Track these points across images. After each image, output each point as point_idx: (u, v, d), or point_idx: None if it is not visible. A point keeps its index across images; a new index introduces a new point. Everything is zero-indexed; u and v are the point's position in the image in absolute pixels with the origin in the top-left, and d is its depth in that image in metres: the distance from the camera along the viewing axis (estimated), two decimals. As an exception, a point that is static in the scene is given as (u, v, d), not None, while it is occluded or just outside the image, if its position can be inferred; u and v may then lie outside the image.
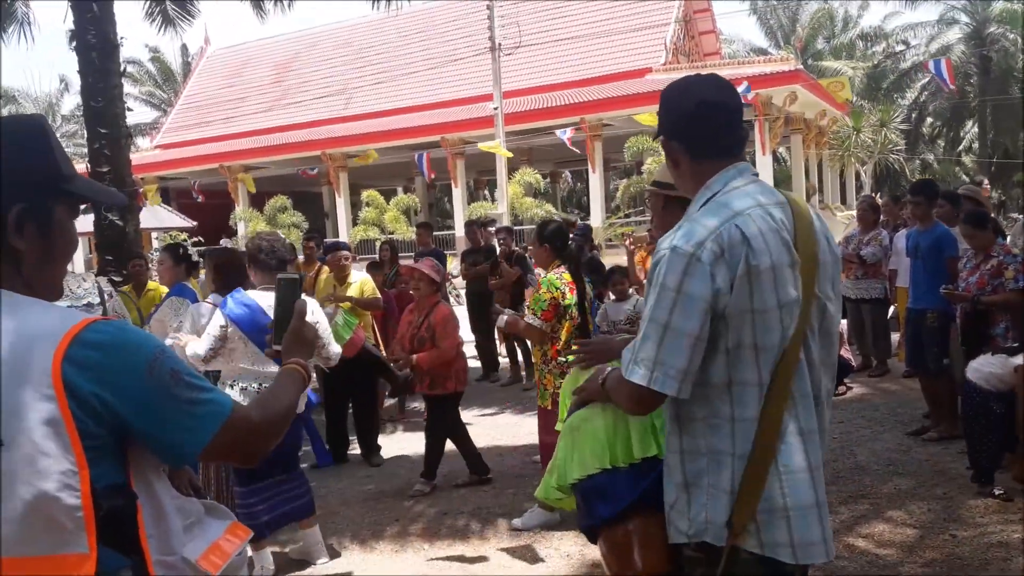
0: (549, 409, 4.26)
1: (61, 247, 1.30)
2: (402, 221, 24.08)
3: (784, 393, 1.61)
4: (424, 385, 4.95)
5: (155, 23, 12.16)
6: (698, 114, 1.72)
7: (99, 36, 9.10)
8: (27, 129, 1.27)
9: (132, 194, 9.68)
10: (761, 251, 1.58)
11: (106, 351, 1.17)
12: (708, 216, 1.64)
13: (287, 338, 1.69)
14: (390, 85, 28.92)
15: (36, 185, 1.24)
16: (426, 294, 4.98)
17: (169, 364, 1.23)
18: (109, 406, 1.16)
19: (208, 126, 32.34)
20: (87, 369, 1.15)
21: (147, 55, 40.97)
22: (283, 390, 1.51)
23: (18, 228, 1.22)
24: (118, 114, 9.34)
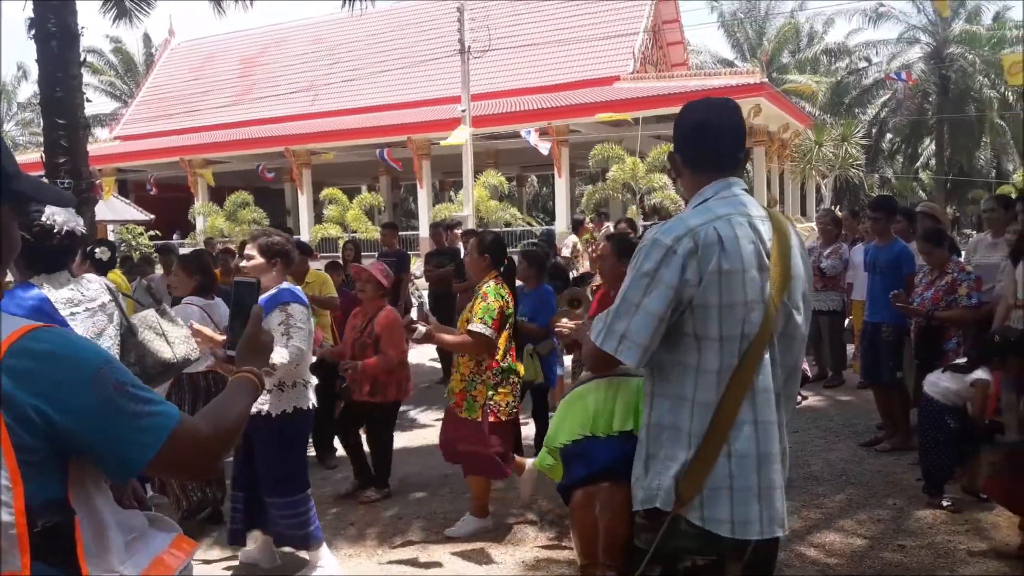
0: (479, 421, 4.14)
1: (6, 248, 1.25)
2: (365, 220, 23.90)
3: (744, 384, 1.79)
4: (363, 392, 4.81)
5: (109, 15, 11.88)
6: (695, 132, 1.96)
7: (59, 26, 8.87)
8: None
9: (89, 186, 9.46)
10: (733, 253, 1.78)
11: (46, 361, 1.12)
12: (692, 216, 1.85)
13: (242, 344, 1.62)
14: (358, 83, 28.71)
15: None
16: (372, 297, 4.85)
17: (114, 375, 1.18)
18: (48, 418, 1.10)
19: (170, 119, 31.77)
20: (24, 380, 1.09)
21: (109, 45, 40.14)
22: (234, 400, 1.45)
23: None
24: (77, 105, 9.12)
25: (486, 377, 4.15)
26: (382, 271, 4.93)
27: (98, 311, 2.89)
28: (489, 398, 4.15)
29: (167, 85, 34.48)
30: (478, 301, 4.14)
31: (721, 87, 21.51)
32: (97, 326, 2.86)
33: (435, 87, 26.82)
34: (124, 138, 32.54)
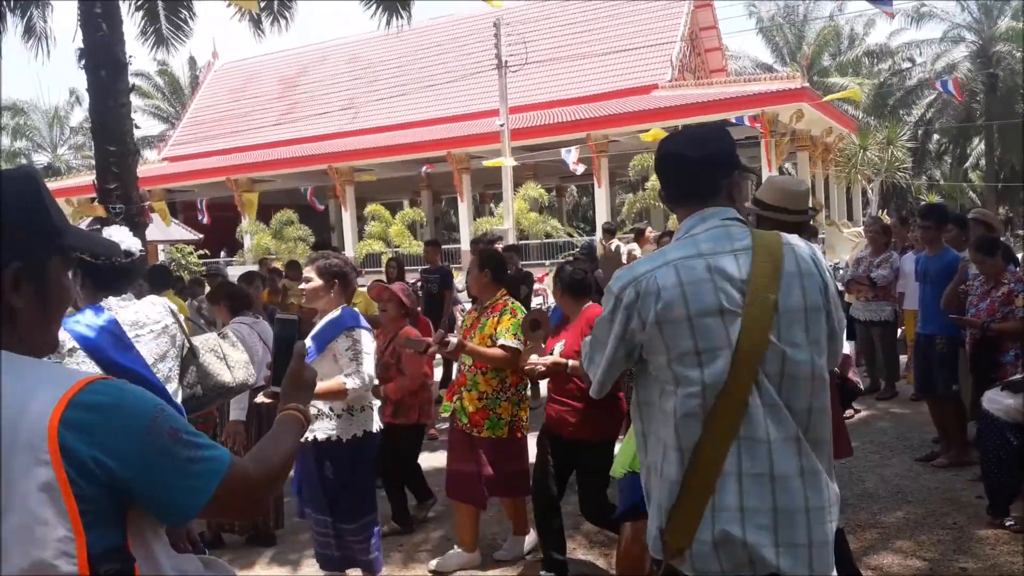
0: (505, 438, 4.09)
1: (57, 302, 1.28)
2: (407, 235, 24.10)
3: (725, 433, 1.69)
4: (387, 414, 4.75)
5: (148, 42, 12.17)
6: (669, 167, 1.94)
7: (108, 56, 9.14)
8: (21, 185, 1.24)
9: (139, 210, 9.69)
10: (672, 302, 1.72)
11: (104, 413, 1.14)
12: (646, 262, 1.83)
13: (286, 382, 1.64)
14: (397, 100, 29.03)
15: (32, 242, 1.22)
16: (393, 316, 4.84)
17: (168, 423, 1.20)
18: (107, 469, 1.13)
19: (215, 139, 32.51)
20: (84, 432, 1.12)
21: (155, 68, 41.27)
22: (282, 439, 1.47)
23: (15, 286, 1.20)
24: (126, 132, 9.36)
25: (511, 394, 4.10)
26: (404, 291, 4.94)
27: (161, 333, 2.93)
28: (514, 415, 4.11)
29: (212, 106, 35.30)
30: (506, 317, 4.06)
31: (761, 93, 21.29)
32: (160, 348, 2.91)
33: (474, 101, 27.00)
34: (172, 159, 33.35)
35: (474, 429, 4.10)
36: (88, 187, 24.90)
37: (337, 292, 3.74)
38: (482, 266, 4.25)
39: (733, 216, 1.85)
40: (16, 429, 1.10)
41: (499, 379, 4.08)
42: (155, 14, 11.73)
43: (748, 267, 1.75)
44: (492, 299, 4.20)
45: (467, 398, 4.14)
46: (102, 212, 9.37)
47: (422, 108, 28.47)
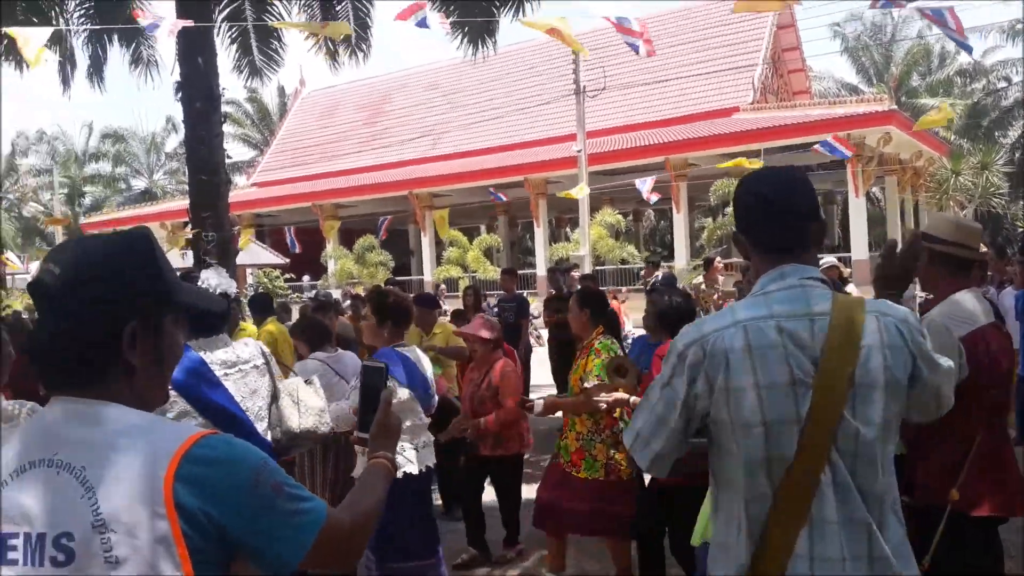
0: (602, 481, 4.05)
1: (170, 357, 1.33)
2: (484, 261, 24.34)
3: (795, 513, 1.58)
4: (487, 446, 4.78)
5: (243, 74, 12.69)
6: (752, 210, 1.78)
7: (203, 88, 9.59)
8: (136, 246, 1.29)
9: (230, 237, 10.08)
10: (739, 367, 1.60)
11: (214, 467, 1.18)
12: (715, 319, 1.70)
13: (374, 430, 1.68)
14: (476, 126, 29.49)
15: (148, 302, 1.27)
16: (485, 353, 4.86)
17: (272, 477, 1.24)
18: (216, 521, 1.17)
19: (301, 166, 33.66)
20: (196, 486, 1.16)
21: (245, 96, 43.06)
22: (372, 488, 1.51)
23: (132, 344, 1.25)
24: (219, 162, 9.78)
25: (605, 435, 4.07)
26: (483, 326, 4.91)
27: (251, 372, 3.04)
28: (610, 457, 4.05)
29: (298, 133, 36.58)
30: (591, 358, 4.08)
31: (847, 115, 20.72)
32: (249, 387, 3.01)
33: (551, 127, 27.19)
34: (260, 184, 34.63)
35: (573, 468, 4.12)
36: (181, 211, 26.03)
37: (391, 331, 3.80)
38: (582, 304, 4.26)
39: (815, 276, 1.70)
40: (136, 483, 1.15)
41: (593, 420, 4.08)
42: (248, 46, 12.24)
43: (824, 334, 1.60)
44: (589, 338, 4.22)
45: (570, 437, 4.18)
46: (194, 235, 9.80)
47: (500, 134, 28.83)
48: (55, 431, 1.22)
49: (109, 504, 1.14)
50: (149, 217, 31.53)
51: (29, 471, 1.20)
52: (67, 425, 1.21)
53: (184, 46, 9.42)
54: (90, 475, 1.16)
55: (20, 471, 1.21)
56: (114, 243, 1.29)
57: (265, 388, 3.08)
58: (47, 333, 1.24)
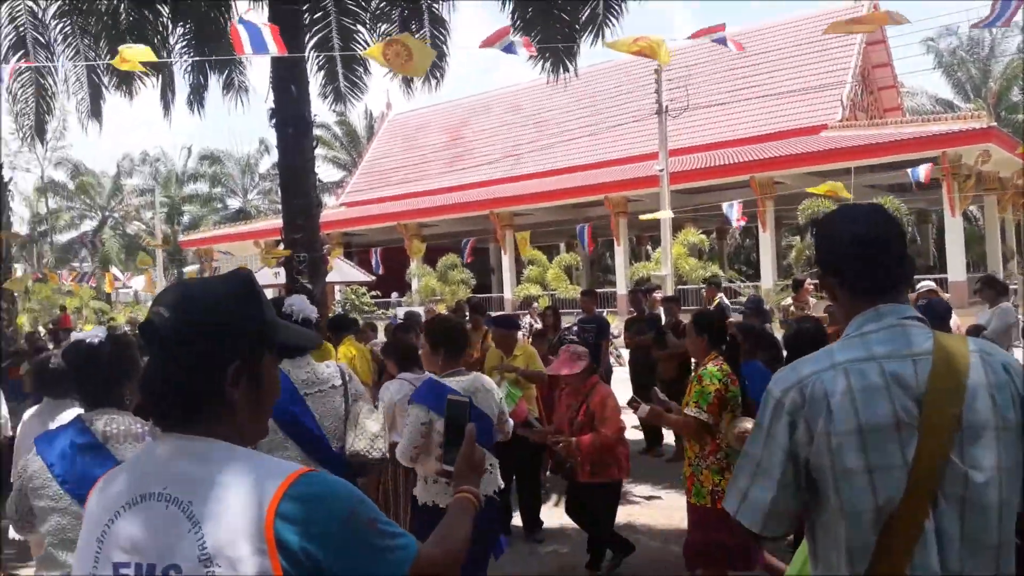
0: (709, 508, 3.96)
1: (269, 395, 1.39)
2: (564, 279, 24.37)
3: (896, 563, 1.50)
4: (585, 473, 4.76)
5: (327, 100, 13.16)
6: (834, 246, 1.72)
7: (296, 115, 9.99)
8: (239, 288, 1.36)
9: (321, 258, 10.44)
10: (842, 411, 1.53)
11: (312, 504, 1.22)
12: (809, 362, 1.63)
13: (459, 464, 1.70)
14: (557, 146, 29.68)
15: (249, 341, 1.33)
16: (579, 379, 4.83)
17: (366, 513, 1.27)
18: (313, 557, 1.20)
19: (388, 186, 34.53)
20: (296, 523, 1.19)
21: (334, 119, 44.50)
22: (459, 522, 1.55)
23: (235, 383, 1.31)
24: (310, 186, 10.14)
25: (710, 462, 4.00)
26: (570, 359, 4.84)
27: (329, 392, 3.15)
28: (716, 484, 3.97)
29: (385, 155, 37.57)
30: (694, 384, 4.05)
31: (942, 133, 19.91)
32: (326, 406, 3.12)
33: (633, 146, 27.10)
34: (349, 204, 35.64)
35: (687, 494, 4.15)
36: (274, 230, 27.03)
37: (444, 357, 3.74)
38: (700, 331, 4.17)
39: (912, 315, 1.64)
40: (239, 519, 1.20)
41: (699, 446, 4.05)
42: (334, 73, 12.71)
43: (927, 374, 1.54)
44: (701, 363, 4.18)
45: (685, 462, 4.21)
46: (287, 253, 10.20)
47: (581, 153, 28.92)
48: (165, 466, 1.28)
49: (214, 539, 1.19)
50: (243, 236, 32.89)
51: (141, 504, 1.26)
52: (176, 461, 1.27)
53: (278, 75, 9.86)
54: (196, 510, 1.21)
55: (132, 503, 1.27)
56: (219, 287, 1.36)
57: (340, 409, 3.18)
58: (157, 373, 1.31)
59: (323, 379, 3.15)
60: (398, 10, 11.67)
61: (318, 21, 11.71)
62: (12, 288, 14.39)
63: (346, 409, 3.21)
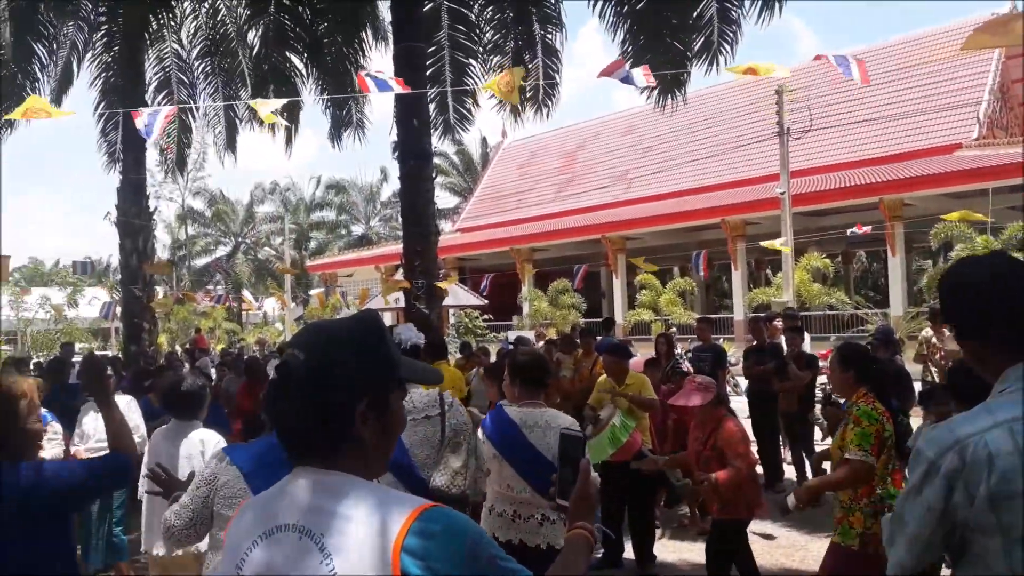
0: (855, 551, 3.74)
1: (395, 430, 1.45)
2: (678, 304, 23.93)
3: None
4: (714, 509, 4.60)
5: (437, 131, 13.55)
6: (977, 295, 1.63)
7: (417, 147, 10.35)
8: (368, 329, 1.43)
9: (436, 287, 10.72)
10: (1009, 473, 1.45)
11: (436, 539, 1.26)
12: (967, 421, 1.54)
13: (575, 500, 1.70)
14: (671, 169, 29.36)
15: (377, 380, 1.41)
16: (707, 410, 4.70)
17: (486, 550, 1.30)
18: None
19: (501, 212, 35.09)
20: (420, 557, 1.24)
21: (452, 148, 45.72)
22: (574, 559, 1.56)
23: (364, 419, 1.37)
24: (429, 215, 10.46)
25: (863, 504, 3.77)
26: (696, 390, 4.73)
27: (422, 422, 3.22)
28: (867, 528, 3.76)
29: (499, 181, 38.25)
30: (850, 427, 3.80)
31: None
32: (419, 435, 3.20)
33: (750, 168, 26.47)
34: (463, 230, 36.42)
35: (832, 532, 3.94)
36: (393, 255, 27.97)
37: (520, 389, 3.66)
38: (846, 364, 3.92)
39: None
40: (368, 552, 1.26)
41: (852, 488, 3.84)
42: (444, 105, 13.13)
43: None
44: (850, 402, 3.93)
45: (835, 504, 3.97)
46: (407, 285, 10.52)
47: (696, 176, 28.48)
48: (298, 499, 1.35)
49: (345, 571, 1.25)
50: (365, 261, 34.17)
51: (276, 534, 1.34)
52: (308, 494, 1.34)
53: (400, 110, 10.26)
54: (328, 542, 1.28)
55: (268, 534, 1.35)
56: (349, 329, 1.43)
57: (435, 438, 3.23)
58: (293, 411, 1.38)
59: (418, 408, 3.22)
60: (511, 42, 11.92)
61: (432, 55, 12.12)
62: (158, 308, 15.49)
63: (442, 439, 3.26)
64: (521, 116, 12.68)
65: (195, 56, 15.29)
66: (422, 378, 1.66)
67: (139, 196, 13.86)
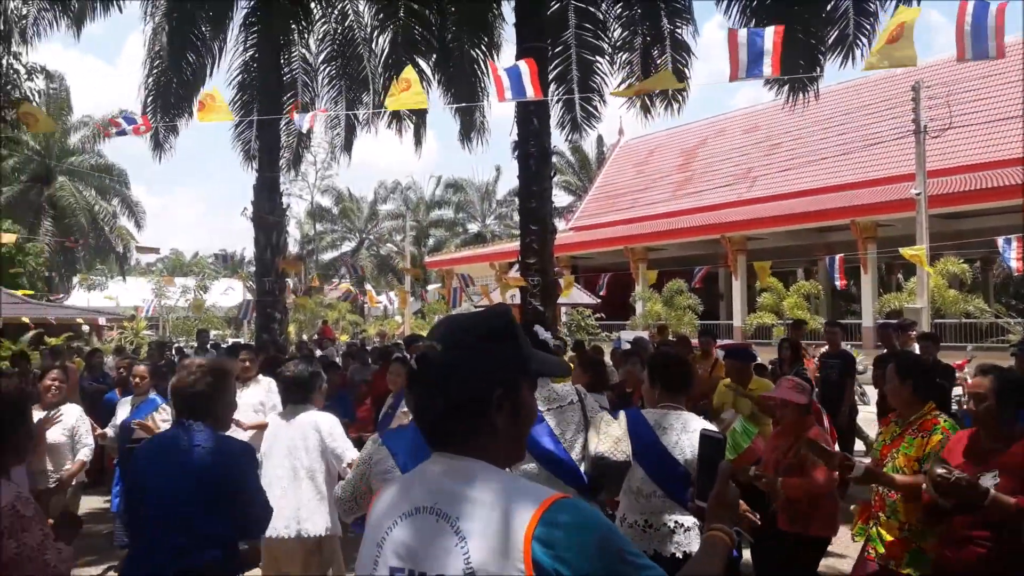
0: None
1: (527, 419, 1.50)
2: (803, 308, 23.01)
3: None
4: (786, 520, 4.21)
5: (564, 130, 13.59)
6: None
7: (537, 147, 10.46)
8: (500, 324, 1.49)
9: (553, 282, 10.80)
10: None
11: (567, 530, 1.28)
12: None
13: (713, 502, 1.69)
14: (797, 168, 28.30)
15: (510, 371, 1.46)
16: (794, 417, 4.38)
17: (616, 543, 1.32)
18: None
19: (617, 211, 34.82)
20: (551, 546, 1.27)
21: (567, 147, 45.77)
22: (710, 561, 1.55)
23: (498, 409, 1.43)
24: (547, 213, 10.56)
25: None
26: (793, 388, 4.45)
27: (567, 408, 3.32)
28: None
29: (615, 180, 37.96)
30: (936, 437, 3.52)
31: None
32: (565, 421, 3.29)
33: (880, 167, 25.20)
34: (577, 228, 36.38)
35: (890, 562, 3.57)
36: (507, 253, 28.30)
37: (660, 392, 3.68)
38: (903, 375, 3.71)
39: None
40: (501, 538, 1.30)
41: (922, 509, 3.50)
42: (571, 104, 13.16)
43: None
44: (918, 414, 3.68)
45: (884, 525, 3.63)
46: (523, 283, 10.65)
47: (825, 175, 27.32)
48: (435, 483, 1.42)
49: (478, 554, 1.30)
50: (480, 258, 34.70)
51: (414, 516, 1.41)
52: (444, 478, 1.41)
53: (521, 110, 10.40)
54: (463, 526, 1.33)
55: (407, 515, 1.42)
56: (483, 321, 1.50)
57: (580, 422, 3.32)
58: (430, 400, 1.45)
59: (561, 396, 3.33)
60: (639, 38, 11.84)
61: (558, 55, 12.19)
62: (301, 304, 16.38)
63: (585, 422, 3.33)
64: (651, 113, 12.58)
65: (320, 60, 16.00)
66: (552, 371, 1.72)
67: (273, 193, 14.64)
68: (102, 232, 38.59)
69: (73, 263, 39.41)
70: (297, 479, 4.21)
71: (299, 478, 4.22)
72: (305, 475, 4.23)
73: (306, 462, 4.24)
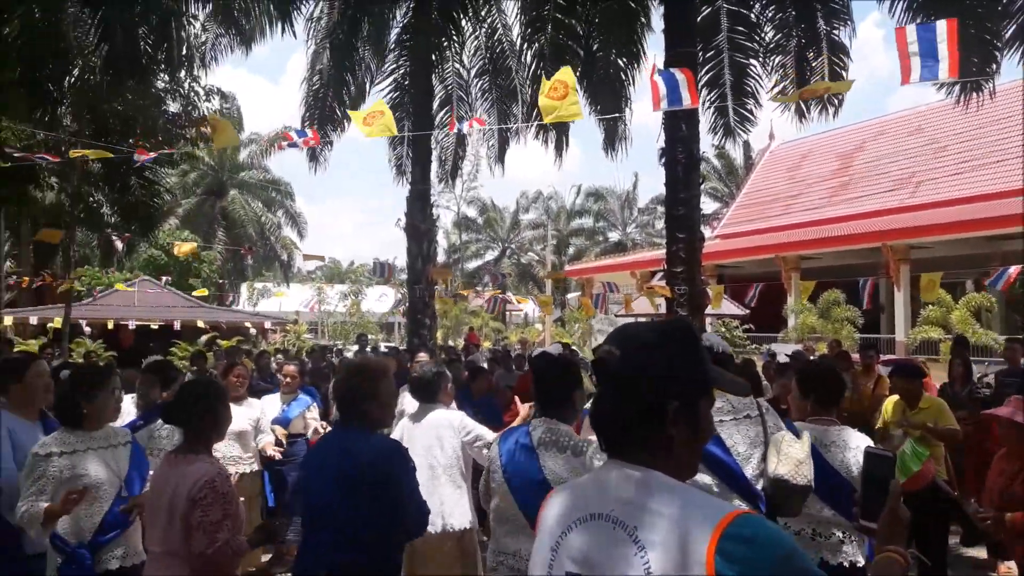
0: None
1: (704, 434, 1.49)
2: (973, 323, 21.26)
3: None
4: (1017, 555, 4.04)
5: (717, 135, 13.25)
6: None
7: (685, 153, 10.27)
8: (681, 337, 1.48)
9: (700, 292, 10.56)
10: None
11: (751, 545, 1.28)
12: None
13: (884, 523, 1.65)
14: (967, 172, 26.25)
15: (688, 383, 1.45)
16: (1017, 442, 4.05)
17: (799, 561, 1.30)
18: None
19: (766, 218, 33.54)
20: (734, 561, 1.27)
21: (713, 152, 44.55)
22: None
23: (674, 420, 1.42)
24: (695, 221, 10.35)
25: None
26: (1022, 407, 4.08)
27: (744, 420, 3.24)
28: None
29: (765, 186, 36.58)
30: None
31: None
32: (740, 433, 3.21)
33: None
34: (724, 236, 35.35)
35: None
36: (649, 262, 27.84)
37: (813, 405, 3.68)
38: None
39: None
40: (682, 550, 1.30)
41: None
42: (724, 109, 12.84)
43: None
44: None
45: None
46: (668, 293, 10.46)
47: (1002, 179, 25.18)
48: (611, 490, 1.43)
49: (659, 565, 1.30)
50: (621, 266, 34.44)
51: (591, 522, 1.42)
52: (621, 486, 1.42)
53: (669, 115, 10.24)
54: (642, 536, 1.34)
55: (583, 520, 1.44)
56: (663, 332, 1.49)
57: (754, 436, 3.23)
58: (607, 405, 1.47)
59: (738, 408, 3.26)
60: (794, 40, 11.45)
61: (710, 60, 11.97)
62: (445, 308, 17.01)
63: (765, 438, 3.26)
64: (807, 116, 12.13)
65: (473, 75, 16.50)
66: (730, 388, 1.70)
67: (424, 204, 15.20)
68: (268, 241, 41.46)
69: (242, 271, 42.46)
70: (435, 476, 4.37)
71: (437, 475, 4.38)
72: (443, 472, 4.39)
73: (442, 459, 4.40)
